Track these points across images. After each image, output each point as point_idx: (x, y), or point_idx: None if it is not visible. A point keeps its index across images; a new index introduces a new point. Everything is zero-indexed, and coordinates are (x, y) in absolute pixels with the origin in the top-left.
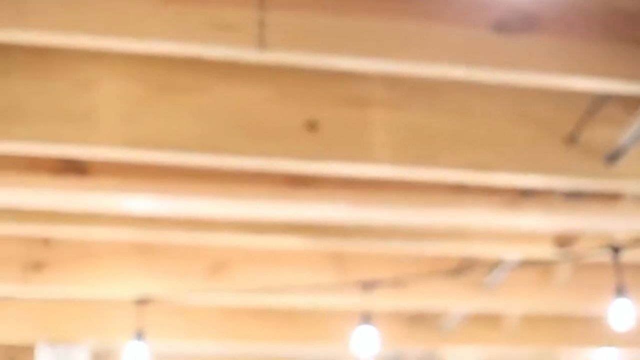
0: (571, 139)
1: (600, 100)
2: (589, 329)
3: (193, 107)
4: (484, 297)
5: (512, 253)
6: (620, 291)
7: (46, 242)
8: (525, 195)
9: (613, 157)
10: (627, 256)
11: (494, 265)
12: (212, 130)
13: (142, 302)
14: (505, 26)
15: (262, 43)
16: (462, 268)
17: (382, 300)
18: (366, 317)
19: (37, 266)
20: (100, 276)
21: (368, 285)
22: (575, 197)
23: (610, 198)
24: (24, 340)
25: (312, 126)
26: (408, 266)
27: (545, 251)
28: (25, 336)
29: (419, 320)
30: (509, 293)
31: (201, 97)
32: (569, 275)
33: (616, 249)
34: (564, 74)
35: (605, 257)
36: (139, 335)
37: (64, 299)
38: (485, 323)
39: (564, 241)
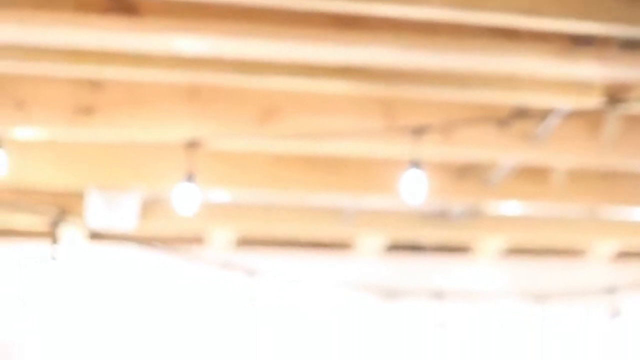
0: None
1: None
2: (637, 187)
3: None
4: (532, 149)
5: (562, 102)
6: None
7: (95, 85)
8: (578, 43)
9: None
10: None
11: (543, 115)
12: None
13: (191, 145)
14: None
15: None
16: (511, 117)
17: (430, 149)
18: (415, 163)
19: (86, 110)
20: (149, 120)
21: (417, 131)
22: (629, 46)
23: None
24: (74, 187)
25: None
26: (457, 114)
27: (595, 102)
28: (74, 182)
29: (466, 173)
30: (557, 146)
31: None
32: (618, 130)
33: None
34: None
35: None
36: (189, 177)
37: (113, 144)
38: (532, 177)
39: (615, 92)
